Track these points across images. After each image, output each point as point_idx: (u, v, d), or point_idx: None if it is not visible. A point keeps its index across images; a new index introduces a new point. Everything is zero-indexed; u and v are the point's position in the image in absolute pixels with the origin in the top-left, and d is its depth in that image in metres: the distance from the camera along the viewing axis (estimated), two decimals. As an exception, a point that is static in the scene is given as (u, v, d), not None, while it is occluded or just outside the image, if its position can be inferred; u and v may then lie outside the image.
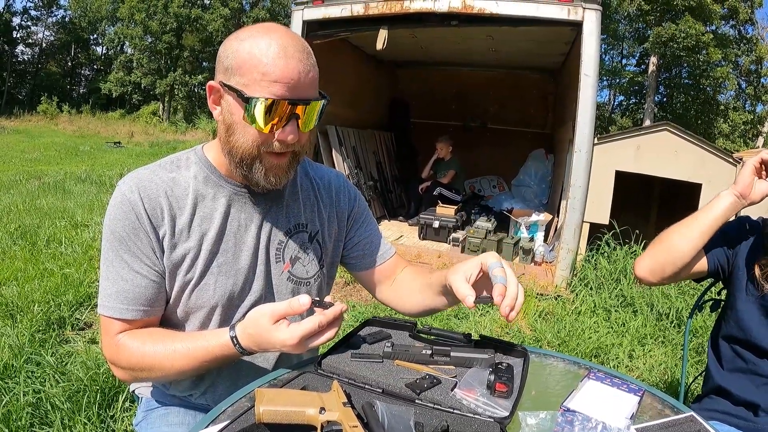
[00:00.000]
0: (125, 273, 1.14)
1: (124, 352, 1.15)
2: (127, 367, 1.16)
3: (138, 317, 1.16)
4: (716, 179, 5.17)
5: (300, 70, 1.06)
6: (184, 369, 1.14)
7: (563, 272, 4.60)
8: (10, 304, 3.51)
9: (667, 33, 23.07)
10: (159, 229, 1.15)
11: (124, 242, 1.14)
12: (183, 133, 25.18)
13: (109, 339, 1.16)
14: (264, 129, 1.07)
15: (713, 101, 27.28)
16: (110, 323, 1.16)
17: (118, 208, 1.15)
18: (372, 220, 1.47)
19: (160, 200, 1.16)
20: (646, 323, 4.01)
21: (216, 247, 1.19)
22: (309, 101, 1.08)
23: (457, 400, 1.00)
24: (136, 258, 1.14)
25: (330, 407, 0.85)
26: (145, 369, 1.14)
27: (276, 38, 1.05)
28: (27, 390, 2.42)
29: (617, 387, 1.09)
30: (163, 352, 1.13)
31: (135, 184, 1.16)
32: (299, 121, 1.09)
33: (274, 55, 1.04)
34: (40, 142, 17.40)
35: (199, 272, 1.18)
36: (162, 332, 1.18)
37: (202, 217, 1.19)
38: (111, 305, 1.15)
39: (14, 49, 36.24)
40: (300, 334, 1.03)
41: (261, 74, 1.04)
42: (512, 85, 8.61)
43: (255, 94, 1.04)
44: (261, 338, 1.07)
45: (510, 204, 7.09)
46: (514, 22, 4.72)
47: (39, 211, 6.72)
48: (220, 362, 1.14)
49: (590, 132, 4.40)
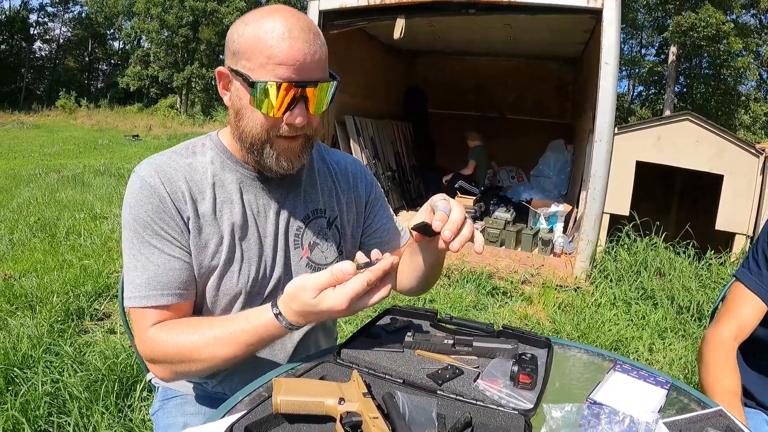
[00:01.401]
0: (155, 257, 1.10)
1: (159, 346, 1.09)
2: (164, 361, 1.10)
3: (174, 302, 1.11)
4: (738, 170, 5.07)
5: (306, 51, 1.03)
6: (228, 355, 1.06)
7: (583, 264, 4.55)
8: (30, 295, 3.55)
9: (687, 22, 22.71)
10: (182, 213, 1.13)
11: (149, 226, 1.10)
12: (201, 125, 25.38)
13: (143, 333, 1.11)
14: (270, 113, 1.05)
15: (734, 92, 26.82)
16: (144, 315, 1.11)
17: (139, 194, 1.11)
18: (388, 206, 1.45)
19: (180, 184, 1.13)
20: (667, 316, 3.96)
21: (238, 233, 1.17)
22: (317, 83, 1.05)
23: (480, 392, 0.97)
24: (164, 241, 1.11)
25: (349, 398, 0.83)
26: (185, 361, 1.08)
27: (280, 20, 1.03)
28: (45, 380, 2.44)
29: (644, 380, 1.06)
30: (202, 341, 1.06)
31: (154, 169, 1.13)
32: (308, 103, 1.06)
33: (279, 37, 1.01)
34: (58, 136, 17.62)
35: (224, 259, 1.16)
36: (195, 320, 1.13)
37: (222, 203, 1.17)
38: (143, 294, 1.09)
39: (32, 46, 36.74)
40: (347, 296, 0.95)
41: (266, 57, 1.01)
42: (531, 74, 8.54)
43: (261, 77, 1.02)
44: (307, 312, 0.99)
45: (529, 195, 7.04)
46: (532, 10, 4.67)
47: (58, 203, 6.81)
48: (266, 343, 1.07)
49: (611, 121, 4.34)
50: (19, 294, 3.54)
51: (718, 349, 1.43)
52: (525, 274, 4.50)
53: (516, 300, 4.21)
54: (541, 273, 4.56)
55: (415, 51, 8.77)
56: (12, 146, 13.91)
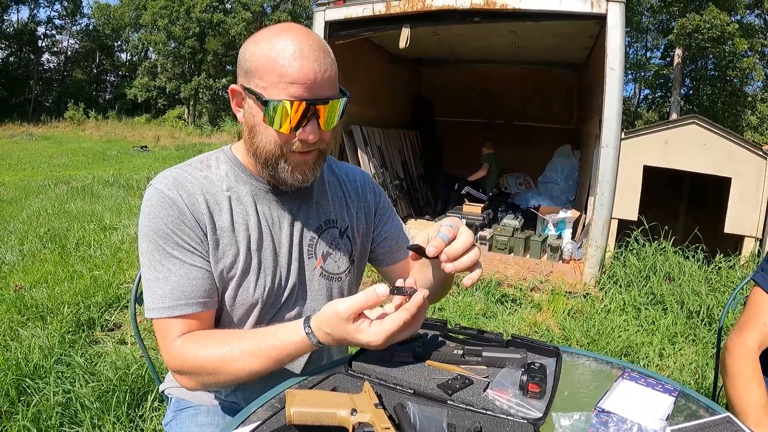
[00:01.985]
0: (177, 268, 1.12)
1: (189, 358, 1.10)
2: (193, 372, 1.11)
3: (198, 311, 1.13)
4: (745, 173, 5.06)
5: (317, 69, 1.05)
6: (256, 370, 1.08)
7: (592, 270, 4.54)
8: (41, 305, 3.58)
9: (692, 24, 22.60)
10: (201, 224, 1.15)
11: (170, 238, 1.12)
12: (209, 135, 25.52)
13: (169, 344, 1.12)
14: (283, 131, 1.07)
15: (740, 93, 26.62)
16: (168, 326, 1.12)
17: (158, 206, 1.13)
18: (396, 216, 1.48)
19: (197, 197, 1.15)
20: (677, 321, 3.94)
21: (254, 245, 1.19)
22: (327, 100, 1.08)
23: (489, 401, 0.98)
24: (185, 251, 1.13)
25: (361, 408, 0.84)
26: (213, 372, 1.09)
27: (291, 39, 1.05)
28: (57, 390, 2.46)
29: (652, 387, 1.06)
30: (230, 355, 1.08)
31: (171, 182, 1.15)
32: (320, 120, 1.09)
33: (290, 56, 1.04)
34: (67, 147, 17.76)
35: (241, 270, 1.18)
36: (223, 333, 1.14)
37: (238, 215, 1.19)
38: (168, 305, 1.11)
39: (40, 58, 37.01)
40: (385, 334, 0.98)
41: (278, 76, 1.04)
42: (536, 81, 8.56)
43: (273, 96, 1.04)
44: (341, 338, 1.01)
45: (537, 201, 7.05)
46: (537, 16, 4.68)
47: (68, 214, 6.86)
48: (294, 359, 1.09)
49: (617, 127, 4.34)
50: (30, 305, 3.57)
51: (744, 360, 1.40)
52: (534, 281, 4.50)
53: (525, 307, 4.21)
54: (550, 280, 4.56)
55: (421, 59, 8.80)
56: (21, 157, 14.04)
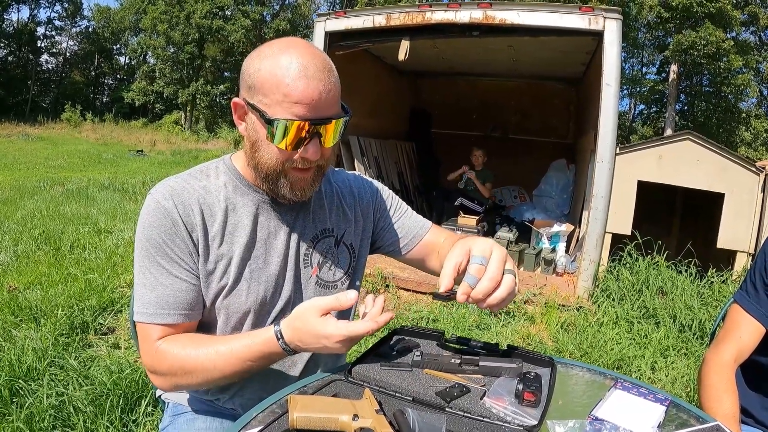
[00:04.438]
0: (164, 278, 1.15)
1: (165, 358, 1.14)
2: (167, 373, 1.15)
3: (179, 321, 1.16)
4: (739, 188, 5.11)
5: (321, 89, 1.06)
6: (228, 370, 1.12)
7: (585, 283, 4.56)
8: (34, 307, 3.56)
9: (688, 40, 22.79)
10: (193, 234, 1.17)
11: (161, 248, 1.15)
12: (205, 142, 25.50)
13: (149, 346, 1.16)
14: (286, 148, 1.09)
15: (735, 109, 26.82)
16: (150, 330, 1.16)
17: (153, 215, 1.16)
18: (399, 202, 1.49)
19: (193, 207, 1.17)
20: (669, 335, 3.97)
21: (247, 254, 1.21)
22: (331, 120, 1.09)
23: (486, 409, 1.00)
24: (174, 263, 1.16)
25: (363, 414, 0.86)
26: (187, 372, 1.13)
27: (297, 56, 1.06)
28: (50, 392, 2.45)
29: (644, 397, 1.09)
30: (205, 355, 1.11)
31: (168, 192, 1.17)
32: (322, 138, 1.11)
33: (295, 76, 1.04)
34: (63, 149, 17.71)
35: (233, 278, 1.20)
36: (203, 336, 1.18)
37: (233, 225, 1.21)
38: (151, 311, 1.15)
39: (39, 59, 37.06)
40: (349, 333, 1.02)
41: (282, 95, 1.05)
42: (533, 94, 8.60)
43: (277, 115, 1.06)
44: (306, 331, 1.05)
45: (531, 214, 7.06)
46: (535, 32, 4.72)
47: (63, 217, 6.83)
48: (264, 361, 1.12)
49: (612, 142, 4.37)
50: (23, 306, 3.55)
51: (718, 373, 1.45)
52: (528, 294, 4.51)
53: (519, 319, 4.22)
54: (544, 293, 4.57)
55: (419, 72, 8.83)
56: (17, 157, 14.00)
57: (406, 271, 4.83)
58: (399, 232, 1.44)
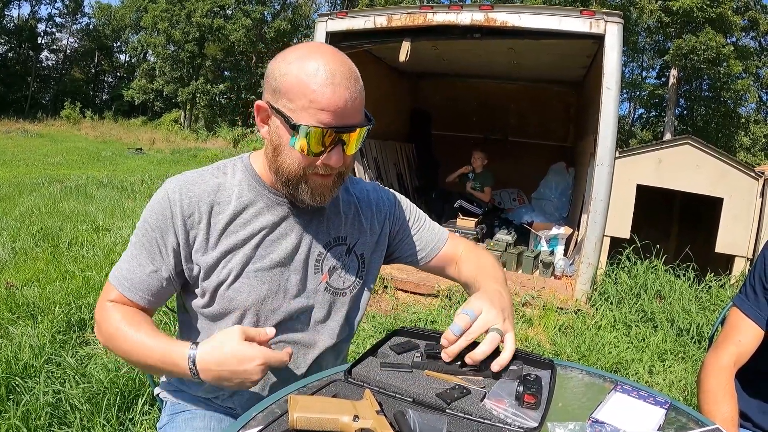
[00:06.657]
0: (142, 260, 1.20)
1: (105, 319, 1.20)
2: (105, 332, 1.19)
3: (137, 302, 1.21)
4: (737, 193, 5.12)
5: (347, 98, 1.06)
6: (137, 360, 1.16)
7: (583, 286, 4.56)
8: (32, 304, 3.56)
9: (688, 45, 22.84)
10: (191, 230, 1.18)
11: (150, 234, 1.19)
12: (204, 141, 25.47)
13: (103, 301, 1.22)
14: (309, 155, 1.09)
15: (734, 114, 26.89)
16: (112, 290, 1.21)
17: (158, 202, 1.19)
18: (418, 213, 1.50)
19: (200, 203, 1.18)
20: (667, 338, 3.97)
21: (253, 252, 1.21)
22: (355, 128, 1.09)
23: (487, 411, 1.00)
24: (155, 251, 1.19)
25: (364, 415, 0.86)
26: (113, 340, 1.18)
27: (323, 62, 1.05)
28: (47, 390, 2.45)
29: (644, 400, 1.09)
30: (131, 337, 1.15)
31: (180, 185, 1.19)
32: (344, 145, 1.10)
33: (322, 83, 1.04)
34: (62, 146, 17.70)
35: (235, 274, 1.20)
36: (145, 321, 1.19)
37: (242, 222, 1.21)
38: (119, 280, 1.20)
39: (39, 55, 36.99)
40: (268, 358, 1.05)
41: (308, 101, 1.04)
42: (533, 97, 8.61)
43: (302, 121, 1.05)
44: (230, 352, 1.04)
45: (530, 217, 7.07)
46: (536, 35, 4.72)
47: (61, 214, 6.83)
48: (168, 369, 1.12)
49: (612, 146, 4.38)
50: (21, 303, 3.55)
51: (717, 376, 1.46)
52: (526, 297, 4.52)
53: (517, 322, 4.22)
54: (542, 295, 4.58)
55: (420, 73, 8.84)
56: (16, 154, 13.99)
57: (404, 273, 4.83)
58: (417, 244, 1.45)
